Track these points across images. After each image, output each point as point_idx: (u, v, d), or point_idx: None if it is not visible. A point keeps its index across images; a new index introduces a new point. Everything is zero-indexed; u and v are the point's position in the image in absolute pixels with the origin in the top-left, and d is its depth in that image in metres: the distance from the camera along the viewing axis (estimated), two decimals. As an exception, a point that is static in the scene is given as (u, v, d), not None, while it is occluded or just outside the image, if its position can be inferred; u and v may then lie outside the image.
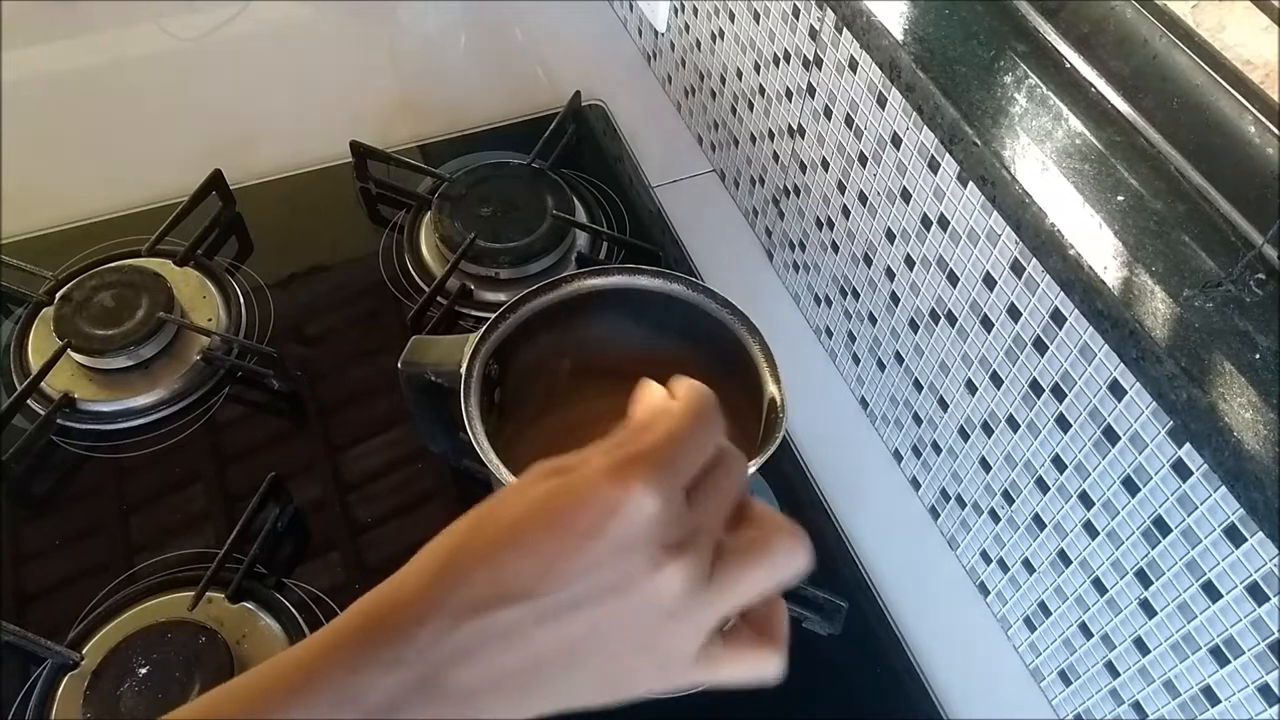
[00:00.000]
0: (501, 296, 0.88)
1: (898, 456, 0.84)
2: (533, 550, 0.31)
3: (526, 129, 1.02)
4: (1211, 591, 0.55)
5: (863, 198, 0.77)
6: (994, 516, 0.73)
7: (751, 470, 0.58)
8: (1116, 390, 0.57)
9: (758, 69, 0.89)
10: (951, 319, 0.71)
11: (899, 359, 0.79)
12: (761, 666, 0.35)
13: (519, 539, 0.32)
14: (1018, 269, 0.63)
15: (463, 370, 0.61)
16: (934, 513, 0.81)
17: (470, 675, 0.31)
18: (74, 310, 0.82)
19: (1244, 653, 0.54)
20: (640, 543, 0.31)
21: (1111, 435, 0.59)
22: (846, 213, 0.80)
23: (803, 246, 0.89)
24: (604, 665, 0.33)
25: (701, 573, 0.32)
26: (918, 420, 0.79)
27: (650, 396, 0.37)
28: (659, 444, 0.33)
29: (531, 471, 0.34)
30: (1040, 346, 0.63)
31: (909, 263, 0.74)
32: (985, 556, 0.75)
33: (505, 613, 0.31)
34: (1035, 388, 0.64)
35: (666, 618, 0.32)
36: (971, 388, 0.71)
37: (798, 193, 0.88)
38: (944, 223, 0.68)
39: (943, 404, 0.75)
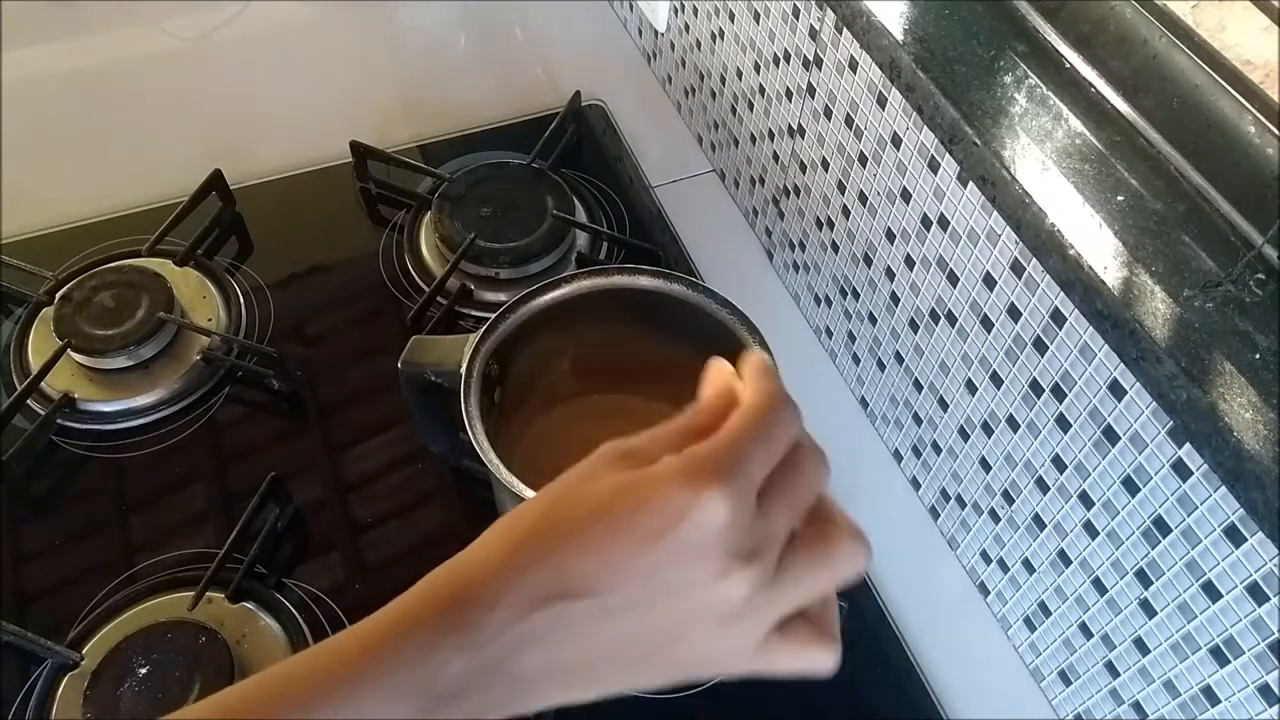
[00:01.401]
0: (501, 296, 0.88)
1: (898, 456, 0.84)
2: (599, 549, 0.31)
3: (526, 129, 1.02)
4: (1211, 591, 0.55)
5: (863, 198, 0.77)
6: (994, 516, 0.73)
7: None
8: (1116, 390, 0.57)
9: (758, 69, 0.89)
10: (951, 319, 0.71)
11: (899, 359, 0.79)
12: (818, 660, 0.35)
13: (586, 537, 0.32)
14: (1018, 269, 0.63)
15: (463, 370, 0.61)
16: (934, 513, 0.81)
17: (533, 663, 0.32)
18: (74, 310, 0.82)
19: (1244, 653, 0.54)
20: (708, 550, 0.31)
21: (1111, 435, 0.59)
22: (846, 213, 0.80)
23: (803, 246, 0.89)
24: (662, 659, 0.33)
25: (766, 579, 0.32)
26: (918, 420, 0.79)
27: (720, 377, 0.37)
28: (732, 445, 0.32)
29: (603, 451, 0.34)
30: (1040, 346, 0.63)
31: (909, 263, 0.74)
32: (985, 556, 0.75)
33: (570, 606, 0.31)
34: (1035, 388, 0.64)
35: (727, 621, 0.32)
36: (971, 388, 0.71)
37: (798, 193, 0.88)
38: (944, 223, 0.68)
39: (943, 404, 0.75)
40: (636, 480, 0.32)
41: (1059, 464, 0.64)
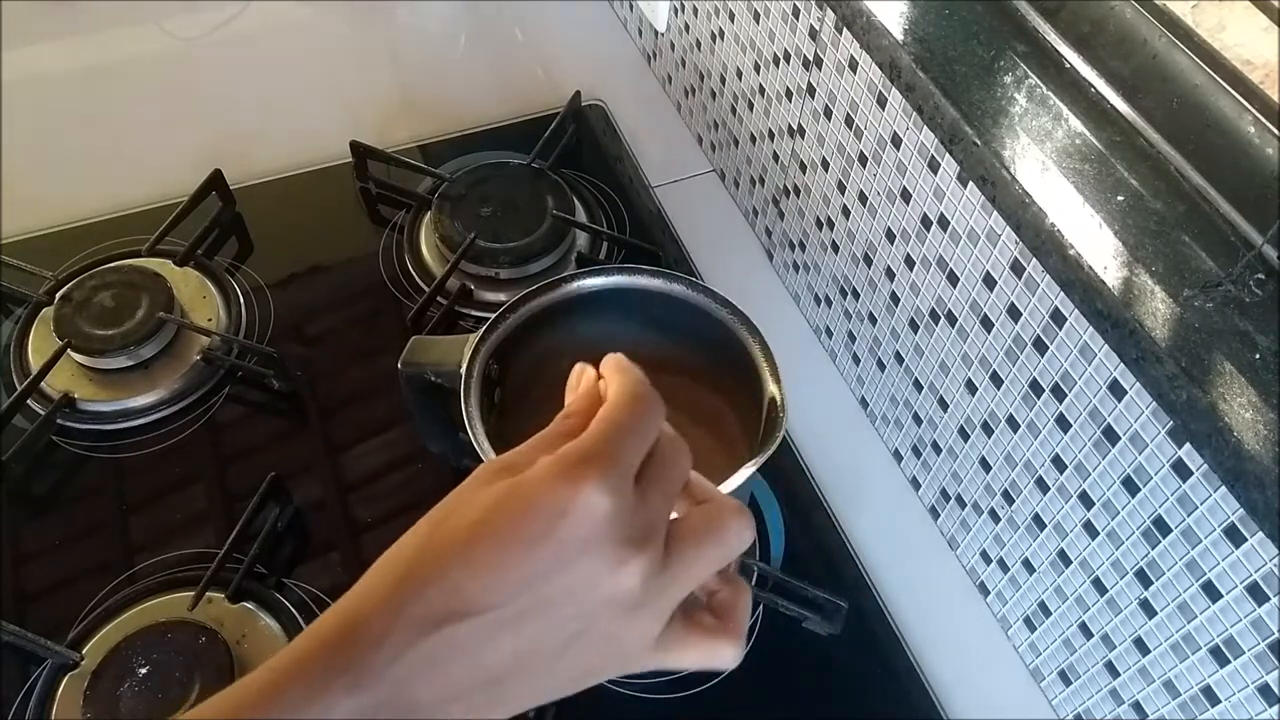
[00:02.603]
0: (501, 296, 0.88)
1: (898, 456, 0.84)
2: (484, 562, 0.31)
3: (526, 129, 1.02)
4: (1211, 591, 0.55)
5: (863, 198, 0.77)
6: (994, 516, 0.73)
7: (751, 470, 0.58)
8: (1116, 390, 0.57)
9: (758, 69, 0.89)
10: (951, 319, 0.71)
11: (899, 359, 0.79)
12: (717, 654, 0.35)
13: (470, 551, 0.31)
14: (1018, 269, 0.63)
15: (463, 370, 0.61)
16: (934, 513, 0.81)
17: (432, 691, 0.31)
18: (74, 310, 0.82)
19: (1244, 653, 0.54)
20: (596, 542, 0.31)
21: (1111, 435, 0.59)
22: (846, 213, 0.80)
23: (803, 246, 0.89)
24: (567, 664, 0.33)
25: (657, 562, 0.32)
26: (918, 420, 0.79)
27: (583, 380, 0.37)
28: (602, 437, 0.32)
29: (479, 472, 0.34)
30: (1040, 346, 0.63)
31: (909, 263, 0.74)
32: (985, 556, 0.75)
33: (461, 627, 0.31)
34: (1035, 388, 0.64)
35: (626, 612, 0.32)
36: (971, 388, 0.71)
37: (798, 193, 0.88)
38: (944, 223, 0.68)
39: (943, 404, 0.75)
40: (514, 486, 0.32)
41: (1059, 464, 0.64)
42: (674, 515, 0.35)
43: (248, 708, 0.31)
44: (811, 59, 0.79)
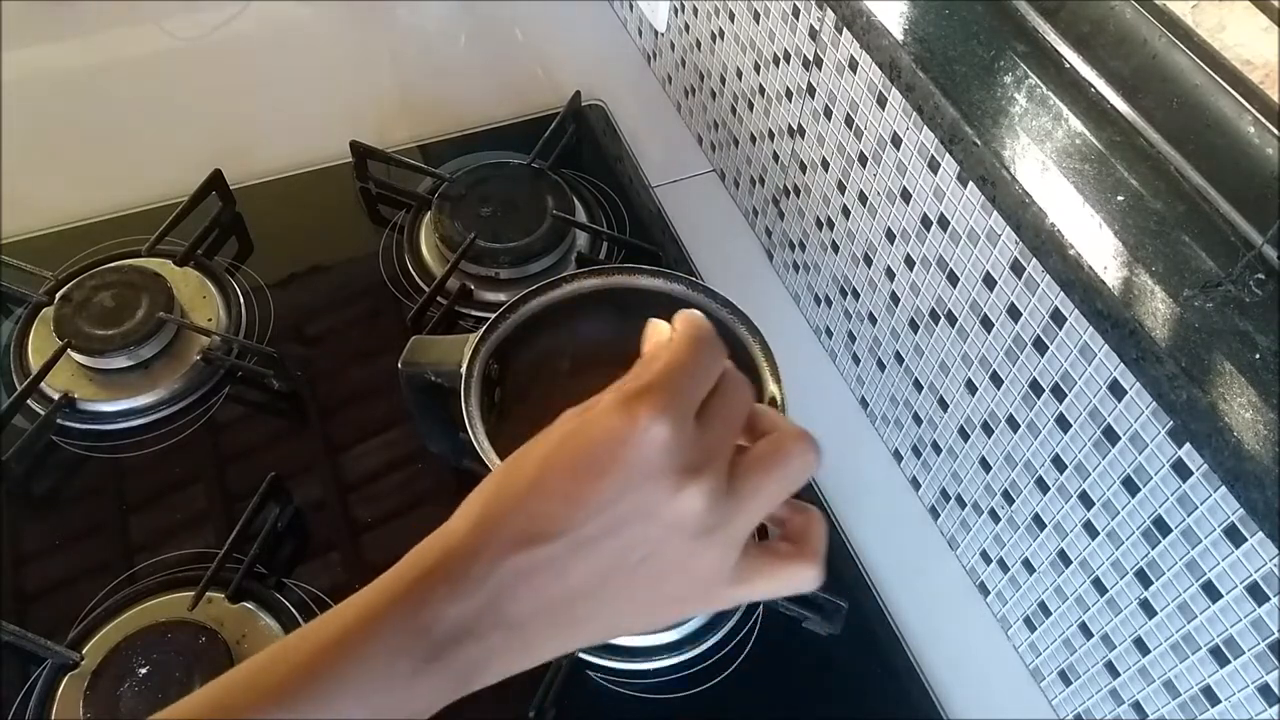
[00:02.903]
0: (501, 296, 0.88)
1: (898, 456, 0.84)
2: (557, 489, 0.33)
3: (526, 129, 1.02)
4: (1211, 591, 0.55)
5: (863, 198, 0.77)
6: (994, 516, 0.73)
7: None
8: (1116, 390, 0.57)
9: (758, 69, 0.89)
10: (951, 319, 0.71)
11: (899, 359, 0.79)
12: (798, 578, 0.36)
13: (542, 482, 0.33)
14: (1018, 269, 0.63)
15: (463, 370, 0.61)
16: (934, 513, 0.81)
17: (520, 605, 0.33)
18: (74, 310, 0.82)
19: (1244, 653, 0.54)
20: (656, 469, 0.32)
21: (1111, 435, 0.59)
22: (846, 213, 0.80)
23: (803, 246, 0.89)
24: (643, 590, 0.34)
25: (720, 488, 0.33)
26: (918, 420, 0.79)
27: (657, 333, 0.39)
28: (661, 373, 0.34)
29: (557, 420, 0.36)
30: (1040, 346, 0.63)
31: (909, 263, 0.74)
32: (985, 556, 0.75)
33: (541, 549, 0.33)
34: (1035, 388, 0.64)
35: (694, 537, 0.33)
36: (971, 388, 0.71)
37: (798, 193, 0.88)
38: (944, 223, 0.68)
39: (943, 404, 0.75)
40: (580, 422, 0.34)
41: (1059, 464, 0.64)
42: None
43: (354, 626, 0.33)
44: (811, 59, 0.79)
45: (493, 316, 0.64)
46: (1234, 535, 0.52)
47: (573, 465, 0.33)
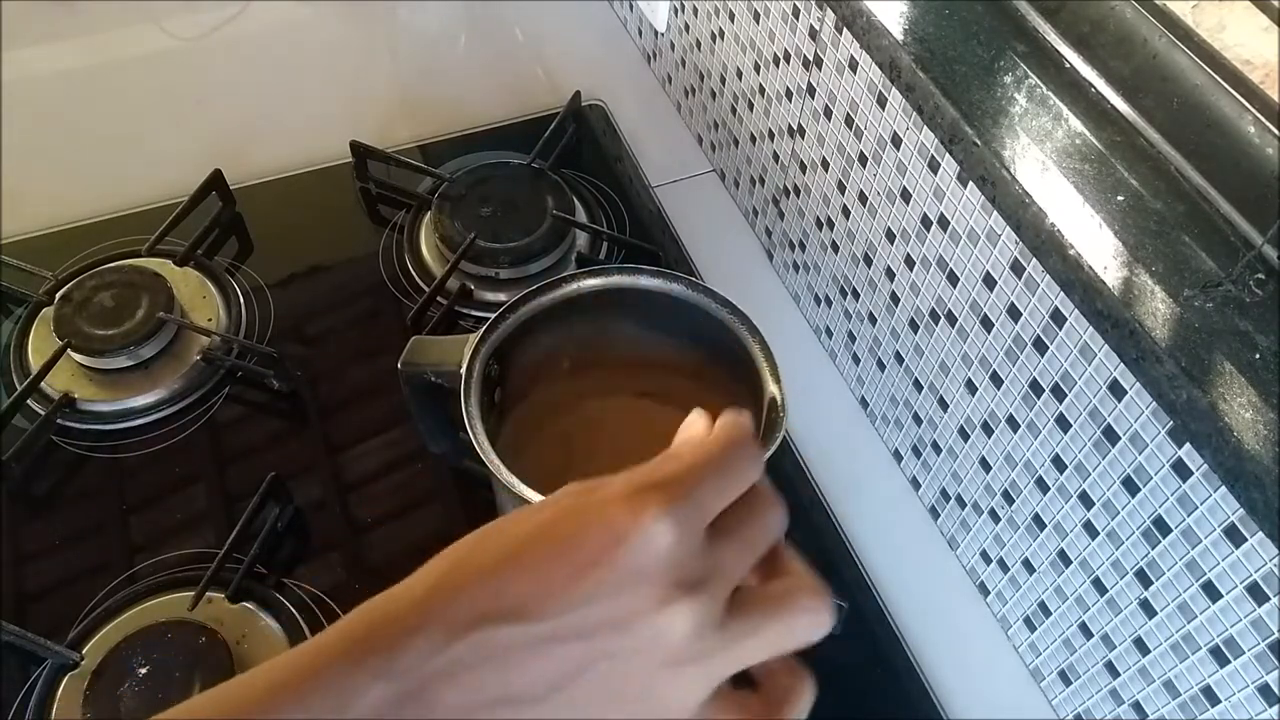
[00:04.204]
0: (501, 296, 0.88)
1: (898, 456, 0.84)
2: (534, 571, 0.30)
3: (526, 129, 1.02)
4: (1211, 591, 0.55)
5: (863, 198, 0.77)
6: (994, 516, 0.73)
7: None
8: (1116, 390, 0.57)
9: (758, 69, 0.89)
10: (951, 319, 0.71)
11: (899, 359, 0.79)
12: None
13: (521, 558, 0.30)
14: (1018, 269, 0.63)
15: (463, 370, 0.61)
16: (934, 513, 0.81)
17: (459, 696, 0.29)
18: (74, 310, 0.82)
19: (1244, 653, 0.54)
20: (648, 576, 0.29)
21: (1111, 435, 0.59)
22: (846, 213, 0.80)
23: (803, 246, 0.89)
24: (597, 704, 0.30)
25: (712, 618, 0.30)
26: (918, 420, 0.79)
27: (695, 425, 0.35)
28: (682, 473, 0.31)
29: (557, 492, 0.33)
30: (1040, 346, 0.63)
31: (909, 263, 0.74)
32: (985, 556, 0.75)
33: (500, 632, 0.29)
34: (1035, 388, 0.64)
35: (669, 662, 0.30)
36: (971, 388, 0.71)
37: (798, 193, 0.88)
38: (944, 223, 0.68)
39: (943, 404, 0.75)
40: (582, 503, 0.31)
41: (1059, 464, 0.64)
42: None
43: (281, 683, 0.30)
44: (811, 59, 0.79)
45: (493, 316, 0.64)
46: (1234, 535, 0.52)
47: (560, 549, 0.30)
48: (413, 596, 0.31)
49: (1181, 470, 0.55)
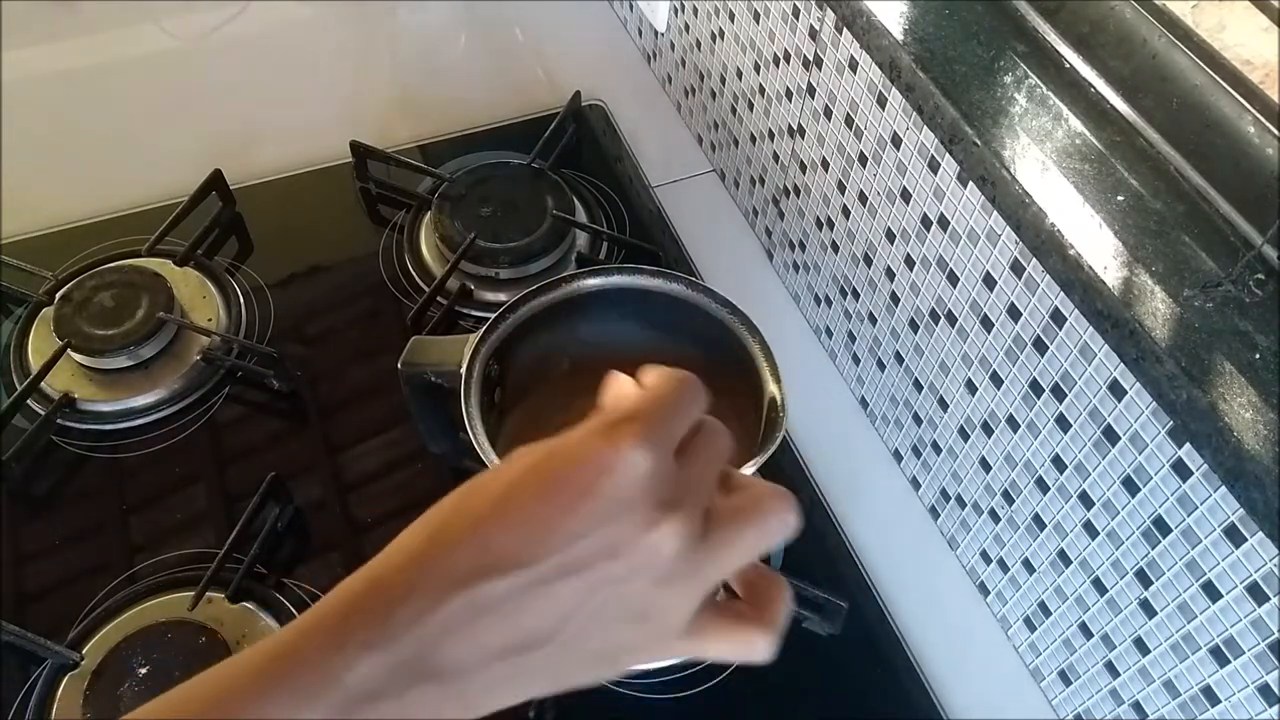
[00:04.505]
0: (501, 296, 0.88)
1: (898, 456, 0.84)
2: (523, 517, 0.30)
3: (526, 129, 1.02)
4: (1211, 591, 0.55)
5: (863, 198, 0.77)
6: (994, 516, 0.73)
7: (751, 470, 0.58)
8: (1116, 390, 0.57)
9: (758, 69, 0.89)
10: (951, 319, 0.71)
11: (899, 359, 0.79)
12: (751, 645, 0.34)
13: (508, 507, 0.31)
14: (1018, 269, 0.63)
15: (463, 370, 0.61)
16: (934, 513, 0.81)
17: (459, 653, 0.30)
18: (74, 310, 0.82)
19: (1244, 653, 0.54)
20: (634, 501, 0.30)
21: (1111, 435, 0.59)
22: (846, 213, 0.80)
23: (803, 246, 0.89)
24: (596, 637, 0.31)
25: (694, 533, 0.31)
26: (918, 420, 0.79)
27: (620, 385, 0.37)
28: (645, 404, 0.33)
29: (515, 451, 0.33)
30: (1040, 346, 0.63)
31: (909, 263, 0.74)
32: (985, 556, 0.75)
33: (494, 584, 0.30)
34: (1035, 388, 0.64)
35: (660, 581, 0.31)
36: (971, 388, 0.71)
37: (798, 193, 0.88)
38: (944, 223, 0.68)
39: (943, 404, 0.75)
40: (559, 445, 0.32)
41: (1059, 464, 0.64)
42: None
43: (269, 664, 0.30)
44: (811, 59, 0.79)
45: (493, 316, 0.64)
46: (1234, 535, 0.52)
47: (544, 491, 0.31)
48: (396, 564, 0.31)
49: (1181, 470, 0.55)
